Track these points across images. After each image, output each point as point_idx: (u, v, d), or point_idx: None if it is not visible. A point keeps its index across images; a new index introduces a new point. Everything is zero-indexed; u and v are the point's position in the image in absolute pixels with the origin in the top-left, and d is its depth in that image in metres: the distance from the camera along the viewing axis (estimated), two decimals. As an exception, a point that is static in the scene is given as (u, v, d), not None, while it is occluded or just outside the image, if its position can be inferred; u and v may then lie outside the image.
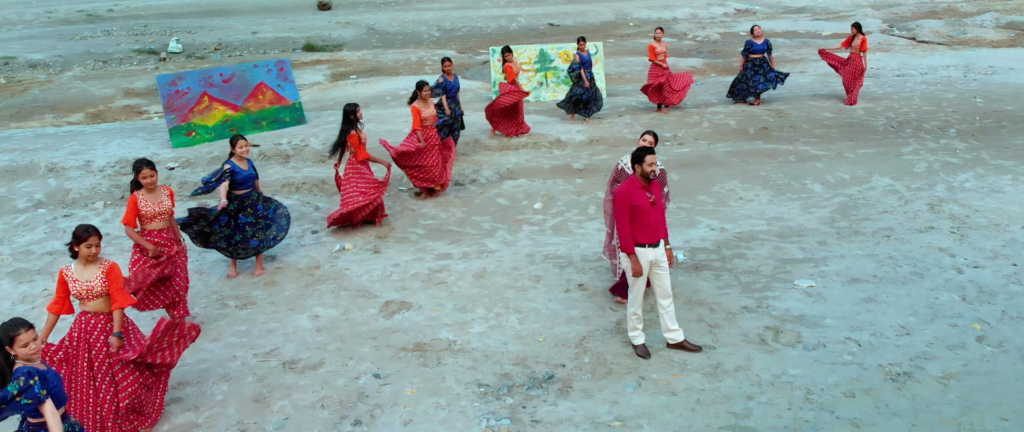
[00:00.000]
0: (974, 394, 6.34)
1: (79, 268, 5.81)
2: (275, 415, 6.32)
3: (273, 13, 32.91)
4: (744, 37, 26.37)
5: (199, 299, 8.36)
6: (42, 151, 14.15)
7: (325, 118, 15.92)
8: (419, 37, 28.12)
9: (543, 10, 31.76)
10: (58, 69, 25.10)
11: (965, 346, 6.99)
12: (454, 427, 6.08)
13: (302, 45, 27.61)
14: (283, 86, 15.62)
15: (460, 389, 6.58)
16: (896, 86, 17.22)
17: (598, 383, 6.61)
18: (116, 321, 5.79)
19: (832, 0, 32.15)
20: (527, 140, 13.65)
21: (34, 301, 8.59)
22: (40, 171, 13.06)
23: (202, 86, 14.73)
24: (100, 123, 18.36)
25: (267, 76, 15.49)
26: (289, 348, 7.30)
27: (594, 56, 17.68)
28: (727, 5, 32.14)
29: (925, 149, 12.63)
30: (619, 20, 30.50)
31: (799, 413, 6.14)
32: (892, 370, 6.66)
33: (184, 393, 6.67)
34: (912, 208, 10.15)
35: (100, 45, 27.86)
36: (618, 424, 6.08)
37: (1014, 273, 8.28)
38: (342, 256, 9.32)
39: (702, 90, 17.60)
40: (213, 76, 14.98)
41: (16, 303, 8.64)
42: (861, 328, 7.31)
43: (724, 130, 14.09)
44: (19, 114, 19.57)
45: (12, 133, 16.27)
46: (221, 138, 14.58)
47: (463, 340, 7.32)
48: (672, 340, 7.05)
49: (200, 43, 28.07)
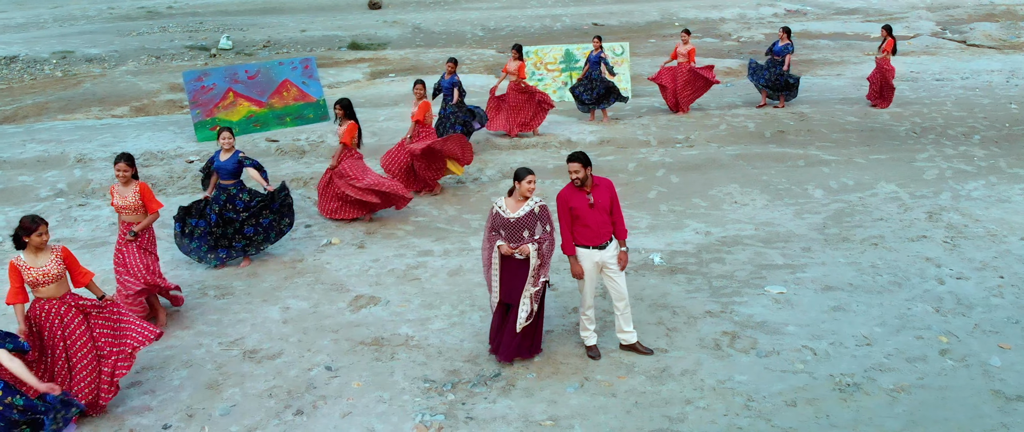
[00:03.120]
0: (923, 408, 6.20)
1: (30, 257, 6.09)
2: (224, 401, 6.54)
3: (324, 11, 33.52)
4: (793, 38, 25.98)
5: (182, 288, 8.65)
6: (76, 142, 14.77)
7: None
8: (462, 37, 28.32)
9: (589, 9, 31.63)
10: (113, 63, 26.02)
11: (925, 359, 6.82)
12: (389, 421, 6.20)
13: (348, 43, 28.07)
14: (308, 83, 15.99)
15: (406, 384, 6.69)
16: (932, 91, 16.74)
17: (541, 382, 6.65)
18: (95, 288, 6.34)
19: (887, 1, 31.25)
20: (537, 140, 13.71)
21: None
22: (69, 162, 13.63)
23: (227, 82, 15.16)
24: (142, 116, 19.03)
25: (292, 73, 15.86)
26: (253, 338, 7.52)
27: (620, 56, 17.65)
28: (777, 5, 31.52)
29: (941, 156, 12.27)
30: (665, 20, 30.20)
31: (734, 419, 6.09)
32: (842, 381, 6.54)
33: (145, 377, 6.94)
34: (909, 216, 9.90)
35: (155, 41, 28.78)
36: (549, 423, 6.11)
37: (998, 286, 8.02)
38: (327, 250, 9.54)
39: (730, 91, 17.39)
40: (238, 73, 15.41)
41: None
42: (821, 337, 7.19)
43: (739, 133, 13.91)
44: (68, 106, 20.37)
45: (53, 125, 17.00)
46: (245, 133, 15.01)
47: (421, 336, 7.44)
48: (625, 341, 7.05)
49: (250, 40, 28.76)
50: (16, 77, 24.35)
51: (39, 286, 6.12)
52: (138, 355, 6.56)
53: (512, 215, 6.50)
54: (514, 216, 6.50)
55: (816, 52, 22.75)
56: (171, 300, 8.04)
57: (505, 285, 6.62)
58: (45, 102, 20.83)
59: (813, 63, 21.38)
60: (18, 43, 28.03)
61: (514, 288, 6.60)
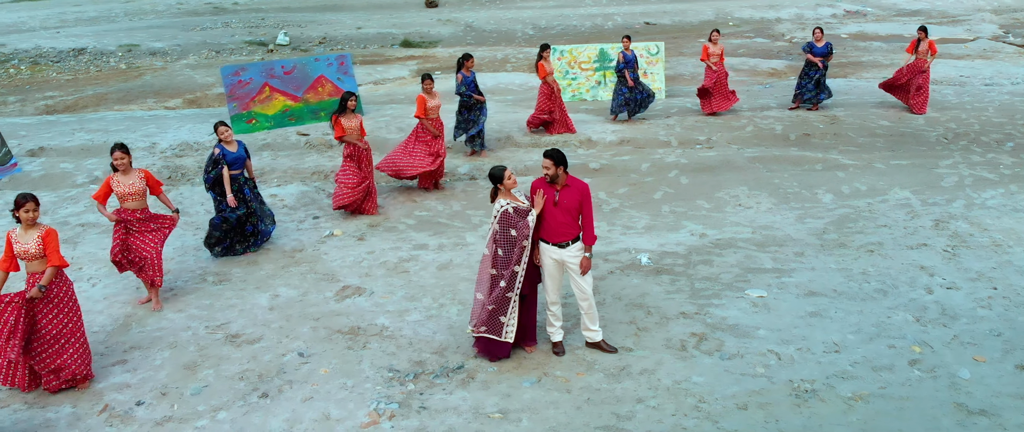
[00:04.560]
0: (878, 418, 6.12)
1: (22, 232, 6.53)
2: (197, 382, 6.85)
3: (382, 9, 34.12)
4: (846, 39, 25.43)
5: (183, 273, 9.06)
6: (121, 132, 15.44)
7: (384, 111, 16.59)
8: (513, 35, 28.52)
9: (642, 8, 31.49)
10: (174, 57, 27.02)
11: (892, 369, 6.72)
12: (346, 407, 6.42)
13: (400, 41, 28.55)
14: (342, 79, 16.37)
15: (371, 372, 6.91)
16: (977, 95, 16.23)
17: (501, 376, 6.78)
18: (46, 276, 6.46)
19: (950, 3, 30.27)
20: (557, 138, 13.79)
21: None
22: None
23: (264, 77, 15.64)
24: (193, 108, 19.76)
25: (327, 69, 16.26)
26: (238, 323, 7.84)
27: (655, 56, 17.59)
28: (837, 6, 30.84)
29: (966, 163, 11.92)
30: (719, 19, 29.85)
31: (681, 420, 6.12)
32: (801, 386, 6.50)
33: (132, 356, 7.32)
34: (915, 223, 9.68)
35: (216, 36, 29.76)
36: (498, 416, 6.24)
37: (988, 297, 7.82)
38: (327, 241, 9.83)
39: (768, 93, 17.16)
40: (275, 68, 15.88)
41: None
42: (791, 342, 7.14)
43: (764, 135, 13.74)
44: (125, 97, 21.29)
45: (104, 115, 17.79)
46: (280, 126, 15.50)
47: (396, 327, 7.64)
48: (589, 339, 7.13)
49: (307, 36, 29.50)
50: (83, 68, 25.50)
51: (24, 260, 6.52)
52: (131, 334, 6.96)
53: (522, 204, 6.67)
54: (523, 206, 6.67)
55: (867, 54, 22.24)
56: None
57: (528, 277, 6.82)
58: (105, 93, 21.80)
59: (861, 65, 20.93)
60: (88, 36, 29.33)
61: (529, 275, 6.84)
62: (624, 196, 11.14)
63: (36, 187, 12.41)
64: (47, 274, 6.47)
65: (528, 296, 6.95)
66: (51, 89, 22.45)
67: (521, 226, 6.63)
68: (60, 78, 24.03)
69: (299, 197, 11.42)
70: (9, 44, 27.76)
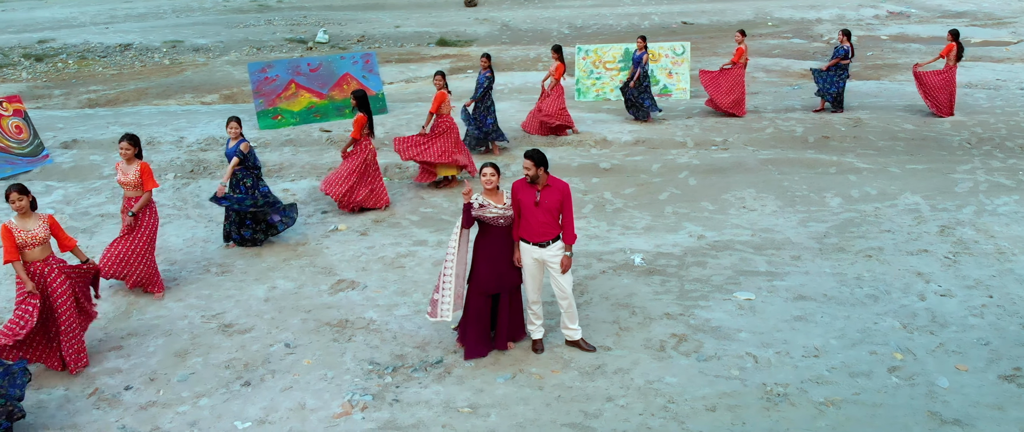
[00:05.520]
0: (847, 424, 6.09)
1: (20, 221, 6.82)
2: (185, 369, 7.08)
3: (421, 8, 34.43)
4: (885, 41, 24.97)
5: (189, 263, 9.34)
6: (154, 126, 15.89)
7: (408, 109, 16.78)
8: (548, 34, 28.54)
9: (680, 8, 31.28)
10: (216, 54, 27.63)
11: (870, 375, 6.66)
12: (321, 397, 6.58)
13: (436, 40, 28.79)
14: (368, 77, 16.62)
15: (352, 364, 7.06)
16: (1010, 99, 15.86)
17: (477, 371, 6.89)
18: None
19: (997, 5, 29.48)
20: (573, 138, 13.84)
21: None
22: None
23: (290, 74, 15.97)
24: (229, 104, 20.20)
25: (352, 67, 16.53)
26: (233, 313, 8.07)
27: (681, 56, 17.52)
28: (880, 7, 30.25)
29: (985, 168, 11.67)
30: (758, 19, 29.52)
31: (648, 419, 6.16)
32: (774, 390, 6.49)
33: (128, 342, 7.59)
34: (920, 229, 9.53)
35: (258, 33, 30.34)
36: (467, 410, 6.35)
37: (982, 306, 7.69)
38: (331, 236, 10.03)
39: (794, 94, 16.98)
40: (301, 65, 16.20)
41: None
42: (771, 345, 7.11)
43: (782, 137, 13.61)
44: (165, 92, 21.85)
45: (140, 109, 18.31)
46: (306, 123, 15.80)
47: (383, 321, 7.79)
48: (569, 338, 7.20)
49: (346, 34, 29.91)
50: (128, 64, 26.23)
51: (27, 248, 6.81)
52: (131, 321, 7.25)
53: (494, 205, 6.81)
54: (493, 205, 6.80)
55: (904, 56, 21.82)
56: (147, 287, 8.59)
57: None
58: (146, 88, 22.41)
59: (896, 67, 20.54)
60: (135, 32, 30.13)
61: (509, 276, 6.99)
62: (629, 196, 11.15)
63: (65, 178, 12.87)
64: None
65: (508, 295, 7.05)
66: (96, 83, 23.14)
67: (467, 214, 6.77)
68: (105, 73, 24.75)
69: (310, 192, 11.66)
70: (59, 39, 28.66)
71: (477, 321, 7.03)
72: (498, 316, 7.16)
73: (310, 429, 6.18)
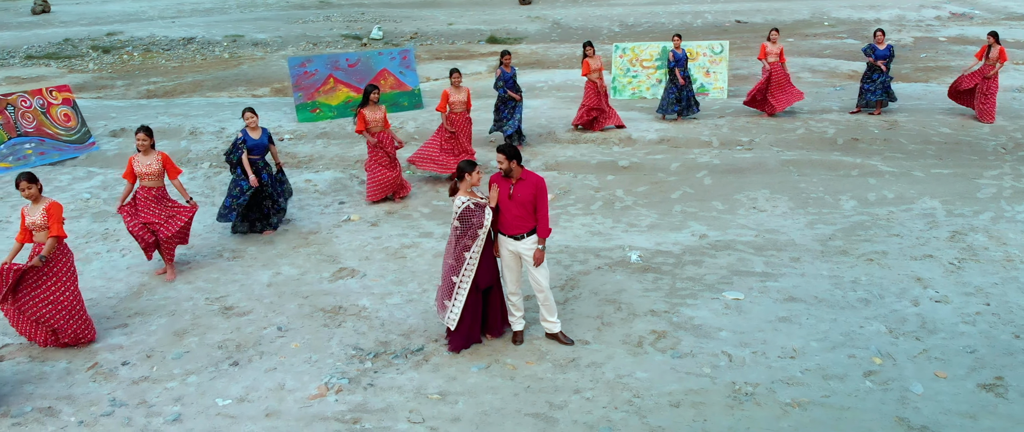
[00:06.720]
0: (811, 426, 6.07)
1: (32, 207, 7.25)
2: (180, 348, 7.43)
3: (476, 5, 34.73)
4: (942, 42, 24.25)
5: (204, 248, 9.74)
6: (199, 117, 16.51)
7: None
8: (598, 32, 28.50)
9: (734, 7, 30.87)
10: (274, 48, 28.38)
11: (844, 378, 6.61)
12: (301, 379, 6.85)
13: (487, 37, 29.03)
14: (405, 73, 16.96)
15: (337, 349, 7.31)
16: (1059, 104, 15.29)
17: (454, 360, 7.06)
18: (47, 247, 7.13)
19: (1068, 5, 28.33)
20: (597, 135, 13.90)
21: (105, 238, 10.35)
22: (183, 133, 15.32)
23: (329, 69, 16.40)
24: (279, 97, 20.78)
25: (390, 63, 16.89)
26: (236, 296, 8.41)
27: (719, 54, 17.39)
28: (942, 8, 29.34)
29: (1013, 174, 11.34)
30: (814, 19, 28.96)
31: (610, 413, 6.24)
32: (742, 389, 6.50)
33: (133, 321, 7.99)
34: (930, 234, 9.34)
35: (316, 29, 31.05)
36: (436, 397, 6.53)
37: (976, 313, 7.53)
38: (343, 225, 10.33)
39: (835, 95, 16.68)
40: (340, 60, 16.61)
41: (92, 237, 10.45)
42: (749, 345, 7.11)
43: (811, 138, 13.42)
44: (219, 85, 22.59)
45: (190, 100, 19.01)
46: (343, 116, 16.20)
47: (374, 308, 8.03)
48: (548, 330, 7.31)
49: (400, 31, 30.40)
50: (189, 57, 27.16)
51: (34, 231, 7.25)
52: (140, 301, 7.63)
53: (481, 200, 6.91)
54: (482, 201, 6.90)
55: (957, 58, 21.17)
56: None
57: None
58: (202, 80, 23.20)
59: (949, 70, 19.95)
60: (199, 26, 31.16)
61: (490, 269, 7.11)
62: (641, 194, 11.17)
63: (107, 165, 13.50)
64: (48, 245, 7.14)
65: (492, 289, 7.20)
66: (157, 75, 24.05)
67: (478, 216, 6.88)
68: (167, 65, 25.69)
69: (332, 183, 12.00)
70: (127, 32, 29.84)
71: (470, 314, 7.19)
72: (488, 308, 7.31)
73: (285, 409, 6.43)
